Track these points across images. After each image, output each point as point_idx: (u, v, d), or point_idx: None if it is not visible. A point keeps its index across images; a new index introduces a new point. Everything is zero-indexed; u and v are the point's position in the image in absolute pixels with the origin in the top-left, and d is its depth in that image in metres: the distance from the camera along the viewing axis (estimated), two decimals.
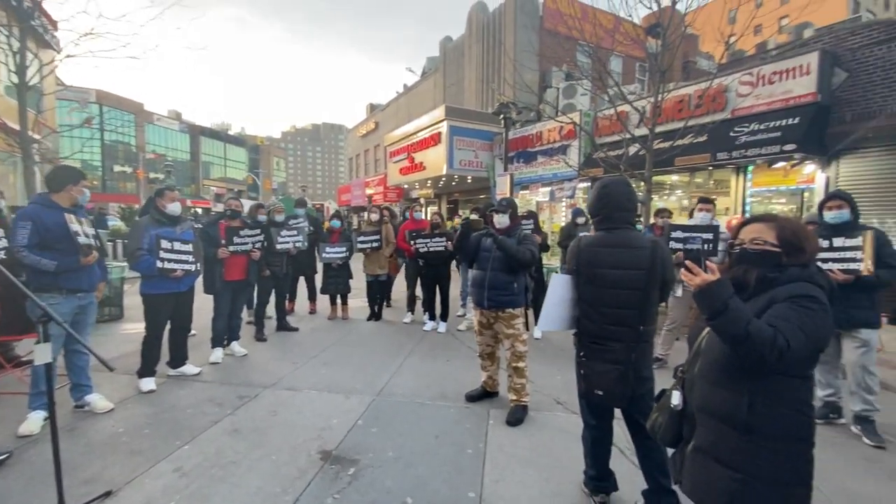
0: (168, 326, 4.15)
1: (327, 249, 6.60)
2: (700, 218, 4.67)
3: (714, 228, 4.45)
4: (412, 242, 6.00)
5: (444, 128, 14.91)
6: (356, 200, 27.91)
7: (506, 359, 3.59)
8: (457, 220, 10.91)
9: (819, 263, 3.13)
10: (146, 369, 3.96)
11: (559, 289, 2.44)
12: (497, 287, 3.41)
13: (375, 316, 6.79)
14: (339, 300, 6.87)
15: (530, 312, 3.69)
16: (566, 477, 2.70)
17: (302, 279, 7.09)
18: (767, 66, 8.04)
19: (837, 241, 3.20)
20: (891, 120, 6.79)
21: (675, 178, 10.20)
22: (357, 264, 6.79)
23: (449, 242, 5.75)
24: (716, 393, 1.54)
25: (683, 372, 1.74)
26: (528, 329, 3.55)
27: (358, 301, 7.51)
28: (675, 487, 1.74)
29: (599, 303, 2.27)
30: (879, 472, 2.84)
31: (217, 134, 54.53)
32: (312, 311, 7.17)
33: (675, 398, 1.72)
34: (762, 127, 7.72)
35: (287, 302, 6.45)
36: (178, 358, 4.30)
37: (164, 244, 3.84)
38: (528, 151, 13.34)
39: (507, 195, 10.21)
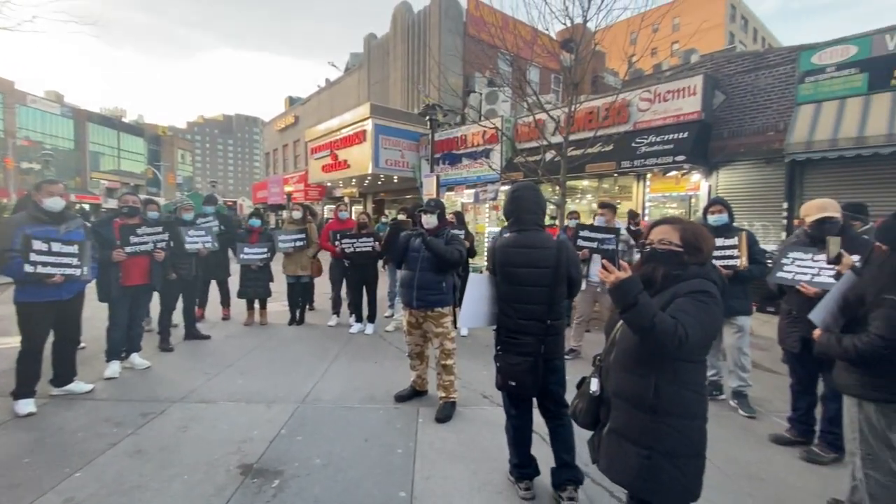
0: (52, 339, 3.62)
1: (246, 250, 6.18)
2: (598, 221, 5.14)
3: (615, 230, 4.91)
4: (337, 242, 5.84)
5: (369, 126, 14.68)
6: (274, 198, 26.40)
7: (435, 357, 3.65)
8: (384, 219, 10.81)
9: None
10: (23, 389, 3.41)
11: (477, 287, 2.58)
12: (426, 287, 3.45)
13: (297, 320, 6.49)
14: (256, 304, 6.47)
15: (458, 311, 3.78)
16: (493, 467, 2.82)
17: (213, 283, 6.55)
18: (662, 85, 9.02)
19: (718, 241, 3.68)
20: (757, 138, 7.99)
21: (585, 183, 11.03)
22: (276, 266, 6.44)
23: (377, 242, 5.68)
24: (627, 378, 1.72)
25: (601, 360, 1.91)
26: (456, 327, 3.63)
27: (277, 305, 7.13)
28: (583, 466, 1.91)
29: (513, 299, 2.43)
30: (752, 438, 3.34)
31: (109, 121, 48.10)
32: (226, 318, 6.65)
33: (594, 385, 1.88)
34: (658, 139, 8.65)
35: (197, 308, 5.93)
36: (64, 375, 3.76)
37: (38, 245, 3.30)
38: (453, 153, 13.61)
39: (434, 196, 10.34)
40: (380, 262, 6.45)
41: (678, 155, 8.12)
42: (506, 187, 11.59)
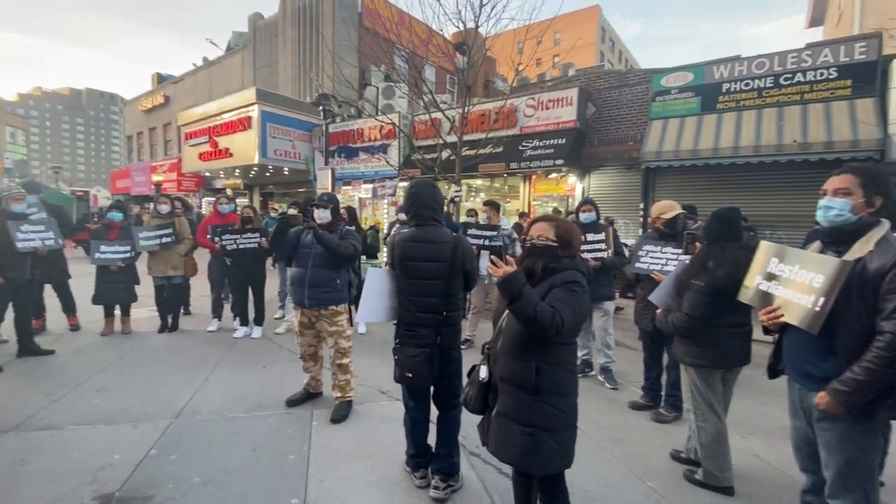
0: None
1: (102, 249, 5.30)
2: (482, 218, 5.48)
3: (495, 227, 5.26)
4: (217, 239, 5.31)
5: (254, 112, 13.57)
6: (139, 188, 23.04)
7: (330, 357, 3.54)
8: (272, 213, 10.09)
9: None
10: None
11: (376, 281, 2.59)
12: (319, 284, 3.32)
13: (170, 326, 5.77)
14: (117, 311, 5.60)
15: (354, 308, 3.72)
16: (391, 461, 2.84)
17: (49, 288, 5.50)
18: (545, 94, 9.85)
19: (589, 237, 4.18)
20: (620, 146, 9.16)
21: (479, 181, 11.59)
22: (141, 266, 5.65)
23: (263, 239, 5.29)
24: (513, 364, 1.86)
25: (489, 348, 2.04)
26: (352, 325, 3.57)
27: (144, 311, 6.27)
28: (475, 448, 2.03)
29: (411, 293, 2.48)
30: (615, 406, 3.85)
31: None
32: (74, 327, 5.64)
33: (483, 372, 2.01)
34: (541, 144, 9.44)
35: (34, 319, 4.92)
36: None
37: None
38: (349, 147, 13.24)
39: (329, 190, 9.96)
40: (269, 260, 6.03)
41: (557, 159, 8.96)
42: (404, 183, 11.64)
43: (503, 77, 19.86)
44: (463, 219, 6.99)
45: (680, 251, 3.33)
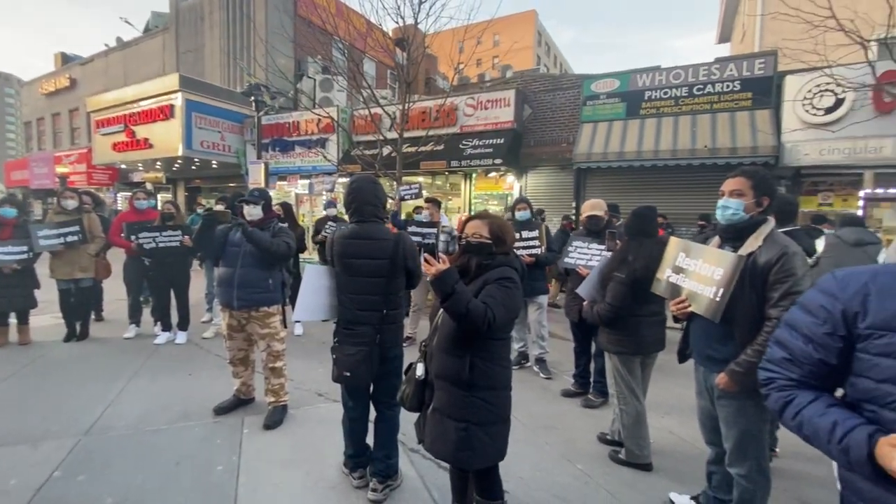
0: None
1: None
2: (423, 215, 5.51)
3: (435, 224, 5.31)
4: (133, 237, 4.87)
5: (178, 100, 12.57)
6: (40, 181, 20.53)
7: (262, 361, 3.38)
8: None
9: (515, 251, 4.19)
10: None
11: (314, 279, 2.53)
12: (248, 285, 3.16)
13: (78, 334, 5.21)
14: (12, 319, 4.96)
15: (289, 309, 3.59)
16: (328, 464, 2.78)
17: None
18: (484, 94, 10.04)
19: (525, 234, 4.33)
20: (554, 148, 9.57)
21: (421, 179, 11.57)
22: (43, 268, 5.05)
23: (186, 237, 4.93)
24: (448, 360, 1.89)
25: (425, 346, 2.06)
26: (286, 326, 3.43)
27: (47, 318, 5.62)
28: (415, 445, 2.05)
29: (351, 290, 2.44)
30: (549, 395, 4.04)
31: None
32: None
33: (419, 369, 2.02)
34: (481, 143, 9.62)
35: None
36: None
37: None
38: (284, 140, 12.68)
39: (262, 185, 9.48)
40: (195, 260, 5.63)
41: (496, 158, 9.18)
42: (344, 179, 11.36)
43: (444, 75, 19.99)
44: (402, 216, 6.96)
45: (604, 247, 3.55)
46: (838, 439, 0.96)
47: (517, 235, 4.24)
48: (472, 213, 2.23)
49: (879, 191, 7.21)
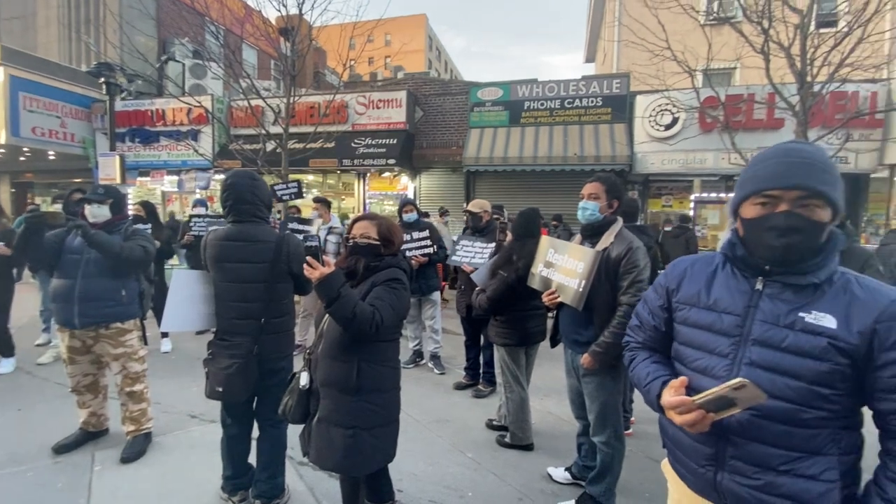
0: None
1: None
2: (312, 215, 5.29)
3: (308, 221, 5.08)
4: None
5: None
6: None
7: (116, 385, 2.92)
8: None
9: (407, 252, 4.23)
10: None
11: (184, 285, 2.29)
12: (94, 298, 2.69)
13: None
14: None
15: (153, 323, 3.16)
16: (204, 489, 2.52)
17: None
18: (376, 93, 9.95)
19: (415, 234, 4.40)
20: (445, 151, 9.87)
21: (310, 177, 11.07)
22: None
23: (2, 245, 4.01)
24: (334, 367, 1.82)
25: (310, 354, 1.96)
26: (146, 343, 3.01)
27: None
28: (303, 456, 1.95)
29: (227, 297, 2.24)
30: (442, 389, 4.16)
31: None
32: None
33: (303, 379, 1.92)
34: (374, 142, 9.53)
35: None
36: None
37: None
38: (146, 130, 11.10)
39: (117, 180, 8.19)
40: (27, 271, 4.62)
41: (389, 158, 9.18)
42: (221, 176, 10.33)
43: (334, 70, 19.35)
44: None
45: (488, 244, 3.78)
46: (645, 384, 1.20)
47: (408, 237, 4.29)
48: (360, 214, 2.18)
49: (705, 195, 8.88)
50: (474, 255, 3.78)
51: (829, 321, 0.96)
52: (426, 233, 4.38)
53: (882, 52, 6.30)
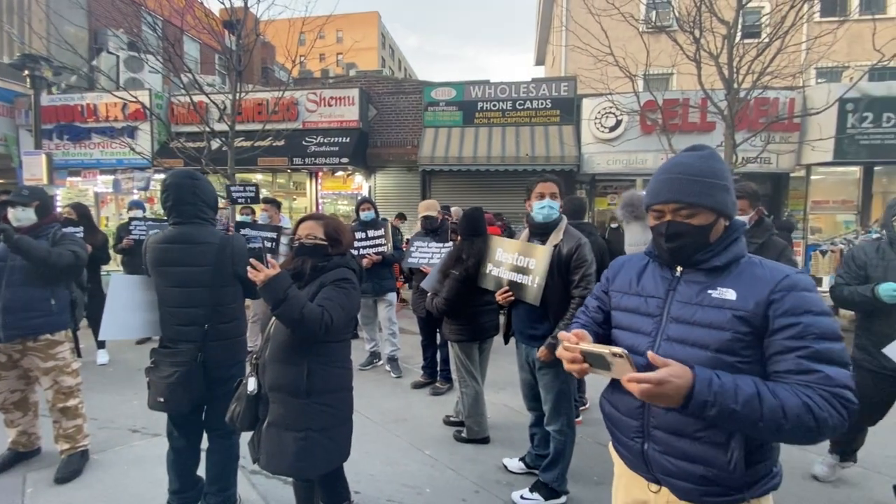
0: None
1: None
2: (261, 217, 5.14)
3: (278, 229, 4.98)
4: None
5: None
6: None
7: (47, 401, 2.71)
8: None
9: (361, 250, 4.19)
10: None
11: (122, 291, 2.19)
12: (21, 309, 2.49)
13: None
14: None
15: (88, 334, 2.95)
16: None
17: None
18: (327, 90, 9.75)
19: (371, 233, 4.37)
20: (400, 150, 9.85)
21: (259, 176, 10.67)
22: None
23: None
24: (283, 370, 1.80)
25: (257, 359, 1.92)
26: (79, 356, 2.82)
27: None
28: (253, 465, 1.91)
29: (169, 303, 2.15)
30: (400, 390, 4.18)
31: None
32: None
33: (251, 384, 1.87)
34: (326, 140, 9.33)
35: None
36: None
37: None
38: (76, 126, 10.26)
39: (43, 181, 7.53)
40: None
41: (343, 157, 9.03)
42: (161, 175, 9.75)
43: (283, 66, 18.73)
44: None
45: (444, 245, 3.82)
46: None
47: (363, 235, 4.26)
48: (306, 215, 2.16)
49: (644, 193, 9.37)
50: (432, 256, 3.82)
51: (730, 294, 1.09)
52: (381, 231, 4.36)
53: (798, 61, 6.95)
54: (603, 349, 1.02)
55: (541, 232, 2.48)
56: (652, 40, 6.88)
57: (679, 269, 1.19)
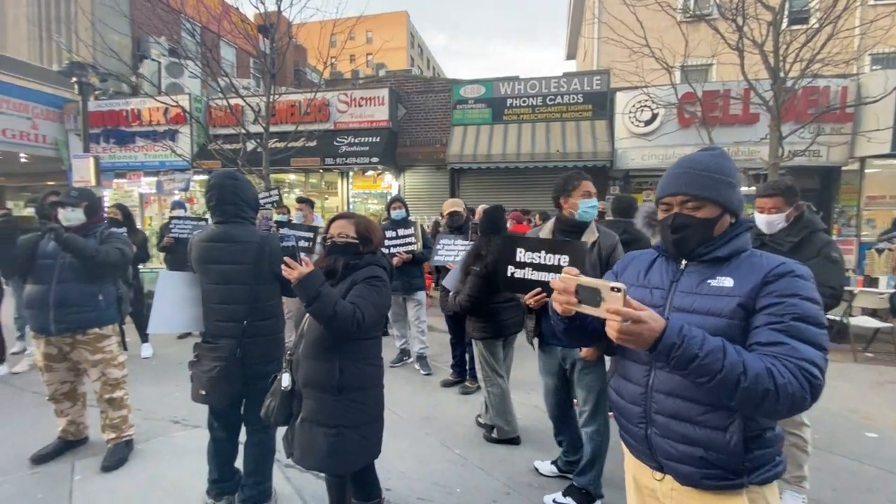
0: None
1: None
2: (296, 216, 5.25)
3: (314, 229, 5.06)
4: None
5: None
6: None
7: (95, 392, 2.86)
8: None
9: (392, 248, 4.22)
10: None
11: (169, 287, 2.29)
12: (70, 303, 2.63)
13: None
14: None
15: (132, 328, 3.10)
16: (187, 496, 2.49)
17: None
18: (358, 91, 9.87)
19: (401, 231, 4.39)
20: (429, 148, 9.86)
21: (292, 177, 10.94)
22: None
23: None
24: (316, 367, 1.82)
25: (291, 354, 1.95)
26: (125, 349, 2.95)
27: None
28: (288, 459, 1.94)
29: (212, 299, 2.23)
30: (429, 387, 4.18)
31: None
32: None
33: (285, 380, 1.91)
34: (357, 141, 9.44)
35: None
36: None
37: None
38: (121, 131, 10.81)
39: (91, 182, 7.98)
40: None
41: (373, 157, 9.11)
42: (201, 177, 10.14)
43: (315, 68, 19.12)
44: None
45: (468, 242, 3.80)
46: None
47: (394, 234, 4.28)
48: (337, 213, 2.18)
49: None
50: (457, 254, 3.80)
51: (728, 282, 1.15)
52: (411, 230, 4.37)
53: (851, 47, 6.50)
54: (600, 283, 1.01)
55: (577, 230, 2.41)
56: (690, 30, 6.60)
57: (684, 262, 1.24)
